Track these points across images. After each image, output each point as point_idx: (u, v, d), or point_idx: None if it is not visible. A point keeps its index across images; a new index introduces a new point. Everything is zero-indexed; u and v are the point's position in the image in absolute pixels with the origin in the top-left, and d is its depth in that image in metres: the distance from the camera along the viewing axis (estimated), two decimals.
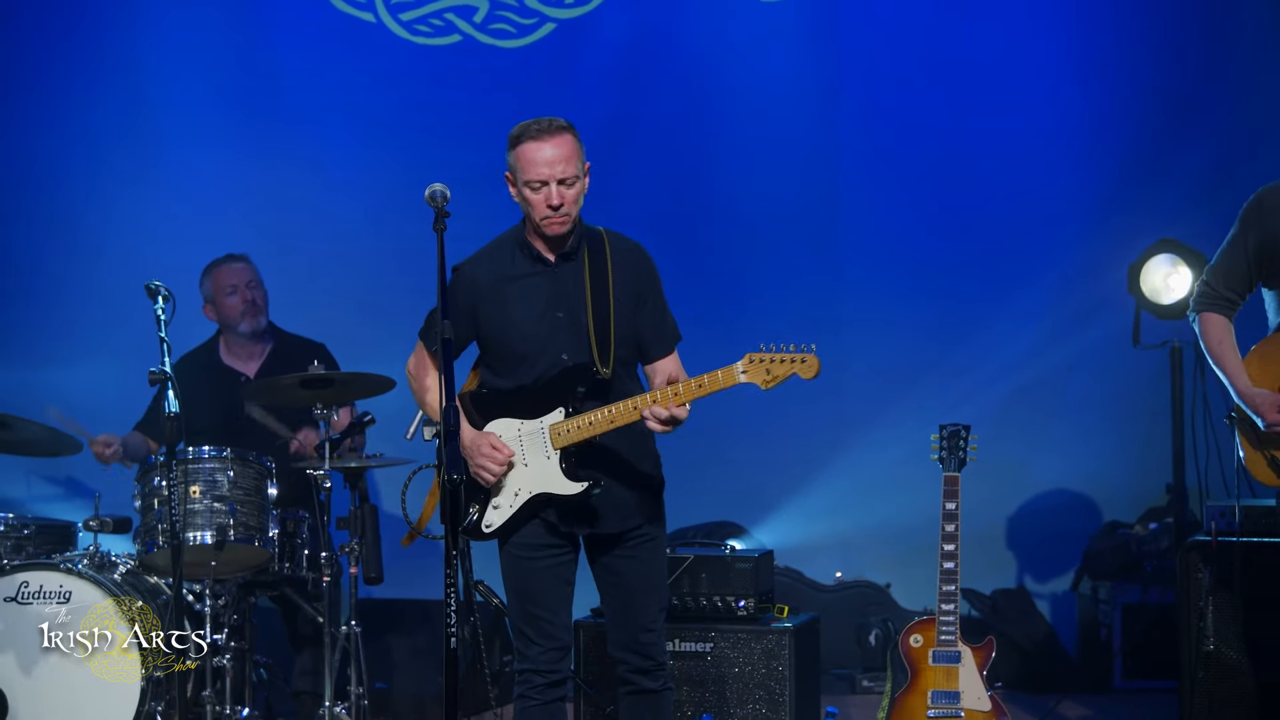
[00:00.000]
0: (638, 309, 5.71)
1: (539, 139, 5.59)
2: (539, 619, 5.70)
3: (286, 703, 8.09)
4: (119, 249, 9.19)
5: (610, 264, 5.69)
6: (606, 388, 5.59)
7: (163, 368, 6.78)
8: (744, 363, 5.38)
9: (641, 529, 5.73)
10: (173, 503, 6.87)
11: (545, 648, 5.69)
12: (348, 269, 9.50)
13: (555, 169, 5.56)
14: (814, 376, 5.43)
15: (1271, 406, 5.75)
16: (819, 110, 9.69)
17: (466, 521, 5.69)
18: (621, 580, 5.76)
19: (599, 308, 5.62)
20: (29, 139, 9.44)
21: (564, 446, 5.57)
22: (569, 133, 5.65)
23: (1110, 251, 8.78)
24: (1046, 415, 9.55)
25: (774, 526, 9.40)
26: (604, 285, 5.65)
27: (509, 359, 5.71)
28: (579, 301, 5.63)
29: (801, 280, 9.66)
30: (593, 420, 5.52)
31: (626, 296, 5.68)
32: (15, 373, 8.89)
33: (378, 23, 9.74)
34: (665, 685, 5.80)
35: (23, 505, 8.75)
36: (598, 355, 5.58)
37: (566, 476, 5.56)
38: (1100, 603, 9.21)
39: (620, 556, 5.74)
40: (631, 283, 5.72)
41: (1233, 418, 5.93)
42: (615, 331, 5.62)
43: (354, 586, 7.56)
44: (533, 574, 5.70)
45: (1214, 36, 9.42)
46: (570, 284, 5.66)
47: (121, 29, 9.55)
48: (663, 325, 5.82)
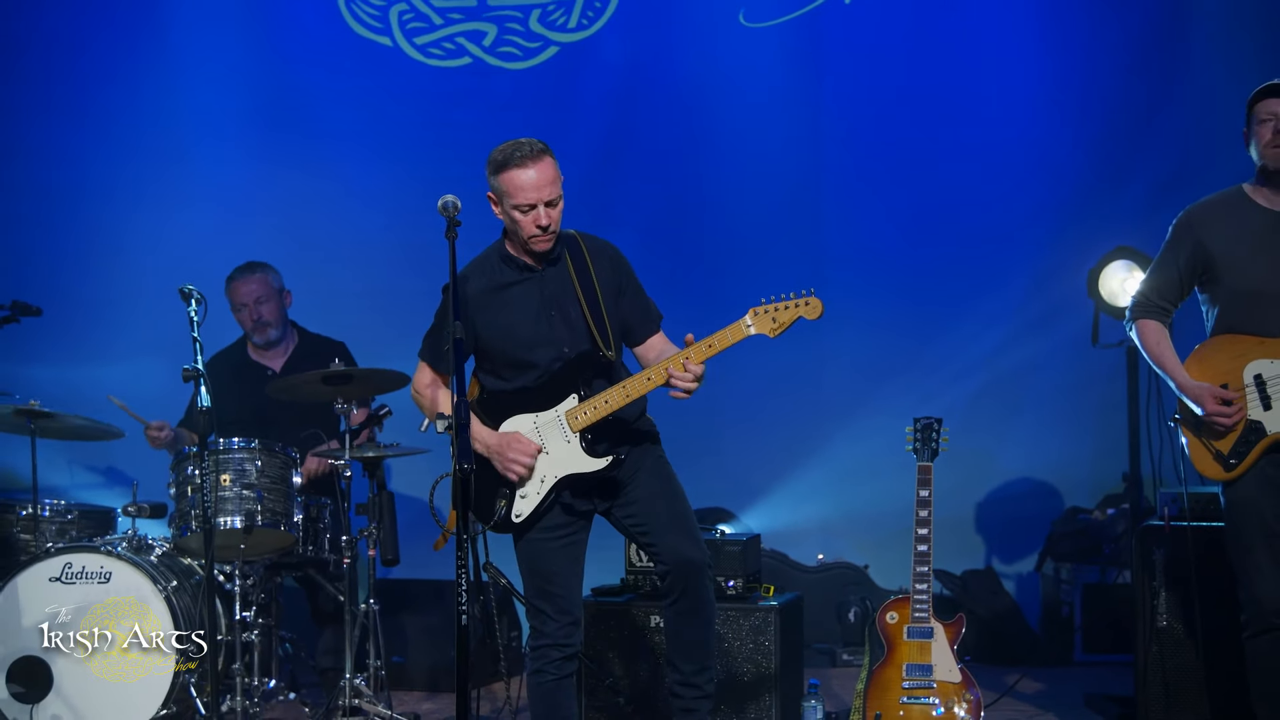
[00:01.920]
0: (619, 298, 5.79)
1: (524, 165, 5.59)
2: (554, 595, 5.72)
3: (310, 675, 8.09)
4: (157, 255, 9.19)
5: (590, 262, 5.73)
6: (610, 370, 5.67)
7: (195, 365, 6.78)
8: (749, 316, 5.50)
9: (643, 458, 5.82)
10: (205, 490, 6.87)
11: (561, 623, 5.72)
12: (366, 273, 9.49)
13: (542, 192, 5.58)
14: (819, 316, 5.56)
15: (1210, 397, 5.77)
16: (802, 126, 9.69)
17: (495, 517, 5.69)
18: (645, 496, 5.79)
19: (590, 300, 5.67)
20: (78, 157, 9.44)
21: (582, 428, 5.61)
22: (548, 155, 5.65)
23: (1071, 258, 8.77)
24: (1012, 409, 9.54)
25: (761, 512, 9.40)
26: (589, 281, 5.70)
27: (511, 361, 5.73)
28: (570, 299, 5.68)
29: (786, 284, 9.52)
30: (608, 399, 5.57)
31: (609, 289, 5.74)
32: (63, 370, 8.89)
33: (394, 46, 9.74)
34: (706, 587, 5.76)
35: (66, 492, 8.74)
36: (600, 341, 5.64)
37: (589, 455, 5.61)
38: (1062, 582, 9.21)
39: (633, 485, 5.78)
40: (610, 276, 5.79)
41: (1177, 419, 5.95)
42: (610, 320, 5.69)
43: (372, 567, 7.55)
44: (548, 554, 5.72)
45: (1166, 61, 9.42)
46: (558, 285, 5.71)
47: (158, 56, 9.57)
48: (646, 308, 5.89)
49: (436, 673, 8.27)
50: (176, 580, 7.13)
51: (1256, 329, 5.80)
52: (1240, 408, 5.76)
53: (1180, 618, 6.40)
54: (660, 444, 5.95)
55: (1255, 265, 5.79)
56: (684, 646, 5.82)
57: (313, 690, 7.96)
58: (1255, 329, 5.80)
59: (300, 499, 7.40)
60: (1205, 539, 6.26)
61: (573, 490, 5.68)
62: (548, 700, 5.77)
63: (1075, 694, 8.01)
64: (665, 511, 5.77)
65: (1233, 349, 5.84)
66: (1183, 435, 5.94)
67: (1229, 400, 5.75)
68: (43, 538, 7.48)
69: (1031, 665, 8.64)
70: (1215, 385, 5.80)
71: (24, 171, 9.39)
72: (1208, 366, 5.88)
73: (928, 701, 6.50)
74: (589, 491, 5.73)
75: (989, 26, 9.59)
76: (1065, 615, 9.13)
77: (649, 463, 5.83)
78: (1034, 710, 7.76)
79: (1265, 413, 5.76)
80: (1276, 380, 5.74)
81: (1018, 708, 7.77)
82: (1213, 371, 5.86)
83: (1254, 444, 5.77)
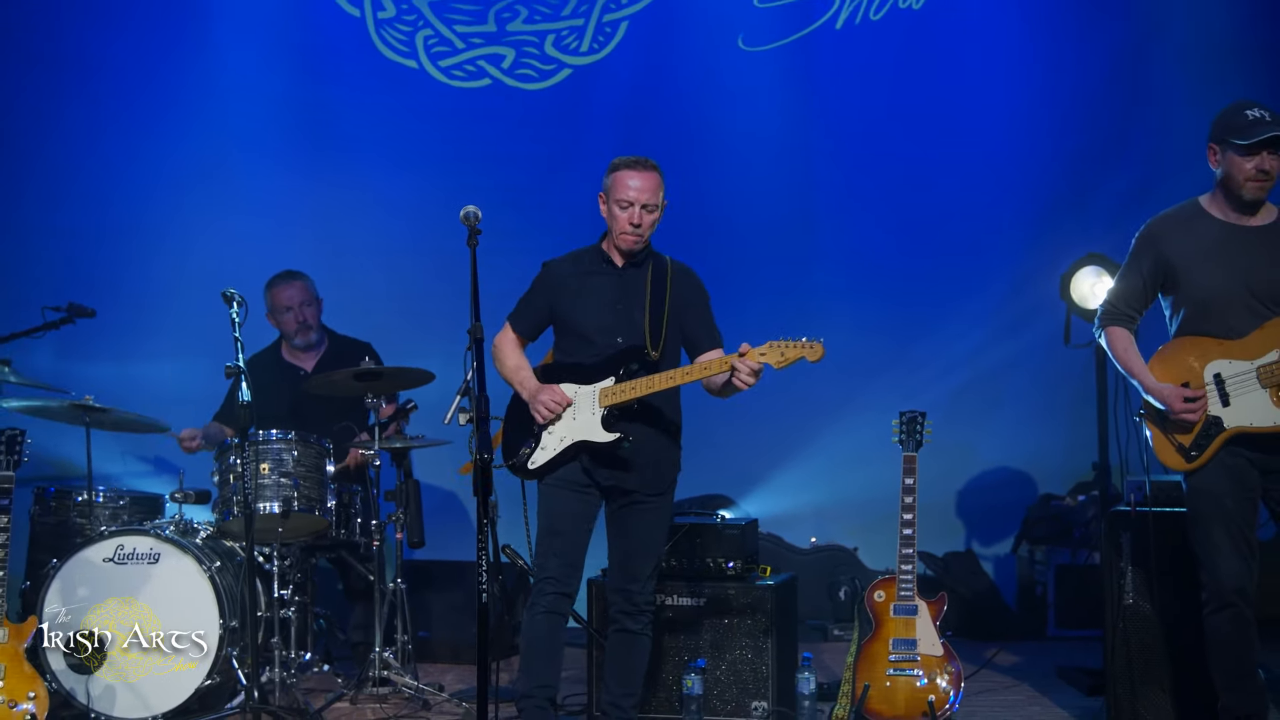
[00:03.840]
0: (685, 313, 6.03)
1: (634, 170, 5.96)
2: (559, 534, 5.91)
3: (342, 648, 8.09)
4: (199, 260, 9.18)
5: (670, 278, 6.00)
6: (654, 368, 5.83)
7: (237, 363, 6.80)
8: (766, 346, 5.64)
9: (656, 497, 6.00)
10: (246, 478, 6.90)
11: (561, 561, 5.90)
12: (392, 278, 9.50)
13: (642, 195, 5.92)
14: (818, 360, 5.68)
15: (1176, 397, 5.79)
16: (796, 142, 9.71)
17: (518, 457, 5.93)
18: (626, 535, 6.02)
19: (655, 306, 5.91)
20: (126, 169, 9.43)
21: (609, 405, 5.81)
22: (657, 172, 6.01)
23: (1044, 264, 8.79)
24: (991, 404, 9.56)
25: (758, 498, 9.41)
26: (662, 291, 5.95)
27: (576, 338, 5.98)
28: (639, 299, 5.93)
29: (781, 288, 9.67)
30: (637, 385, 5.77)
31: (678, 303, 6.00)
32: (114, 366, 8.89)
33: (420, 69, 9.75)
34: (645, 630, 6.06)
35: (119, 480, 8.75)
36: (650, 340, 5.85)
37: (604, 428, 5.79)
38: (1036, 563, 9.22)
39: (630, 514, 5.98)
40: (684, 294, 6.06)
41: (1142, 414, 5.97)
42: (667, 326, 5.89)
43: (399, 550, 7.59)
44: (560, 502, 5.92)
45: (1132, 86, 9.49)
46: (633, 285, 5.97)
47: (203, 76, 9.55)
48: (709, 328, 6.12)
49: (459, 646, 8.28)
50: (220, 561, 7.14)
51: (1215, 331, 5.81)
52: (1204, 404, 5.78)
53: (1145, 596, 6.40)
54: (673, 489, 6.12)
55: (1211, 273, 5.81)
56: (616, 670, 6.12)
57: (345, 663, 7.97)
58: (1214, 331, 5.82)
59: (333, 486, 7.41)
60: (1168, 524, 6.26)
61: (592, 458, 5.87)
62: (536, 629, 5.90)
63: (1048, 666, 8.03)
64: (635, 554, 6.01)
65: (1193, 350, 5.85)
66: (1147, 429, 5.95)
67: (1193, 398, 5.78)
68: (97, 521, 7.49)
69: (1008, 640, 8.64)
70: (1178, 384, 5.82)
71: (79, 184, 9.39)
72: (1170, 366, 5.89)
73: (912, 673, 6.52)
74: (602, 469, 5.89)
75: (969, 52, 9.63)
76: (1039, 594, 9.13)
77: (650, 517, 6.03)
78: (1011, 681, 7.77)
79: (1224, 409, 5.78)
80: (1234, 379, 5.76)
81: (995, 679, 7.79)
82: (1175, 370, 5.87)
83: (1213, 437, 5.79)
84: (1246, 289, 5.76)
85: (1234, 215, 5.84)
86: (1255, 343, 5.74)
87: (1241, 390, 5.75)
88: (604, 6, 9.70)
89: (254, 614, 7.00)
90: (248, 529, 6.80)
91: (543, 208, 9.35)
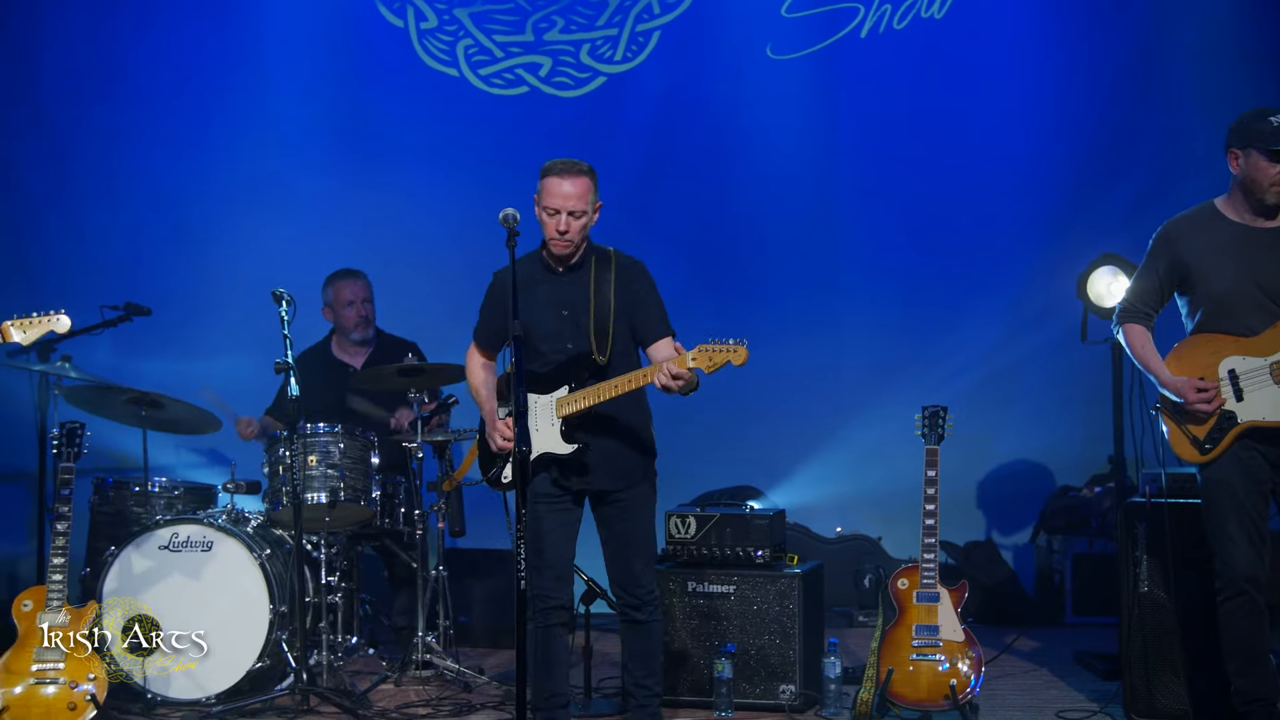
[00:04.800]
0: (633, 307, 5.80)
1: (562, 175, 5.72)
2: (542, 552, 5.76)
3: (387, 633, 8.11)
4: (250, 261, 9.20)
5: (614, 275, 5.78)
6: (603, 372, 5.66)
7: (286, 359, 6.82)
8: (695, 351, 5.43)
9: (629, 490, 5.84)
10: (294, 469, 6.92)
11: (545, 577, 5.78)
12: (434, 278, 9.50)
13: (568, 202, 5.68)
14: (743, 363, 5.44)
15: (1190, 388, 5.78)
16: (821, 147, 9.71)
17: (491, 473, 5.89)
18: (612, 533, 5.91)
19: (600, 309, 5.72)
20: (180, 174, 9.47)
21: (565, 415, 5.67)
22: (587, 176, 5.75)
23: (1061, 264, 8.75)
24: (1009, 399, 9.54)
25: (786, 490, 9.40)
26: (606, 292, 5.74)
27: (527, 348, 5.67)
28: (582, 304, 5.73)
29: (806, 288, 9.66)
30: (589, 395, 5.61)
31: (624, 299, 5.78)
32: (168, 363, 8.91)
33: (461, 77, 9.77)
34: (652, 617, 5.96)
35: (173, 471, 8.78)
36: (596, 345, 5.68)
37: (563, 439, 5.68)
38: (1054, 552, 9.19)
39: (610, 512, 5.87)
40: (630, 288, 5.81)
41: (1158, 408, 5.95)
42: (614, 327, 5.71)
43: (441, 538, 7.62)
44: (539, 517, 5.76)
45: (1145, 90, 9.47)
46: (575, 290, 5.77)
47: (254, 85, 9.60)
48: (659, 319, 5.86)
49: (498, 631, 8.28)
50: (270, 549, 7.16)
51: (1230, 330, 5.80)
52: (1218, 394, 5.76)
53: (1160, 584, 6.37)
54: (652, 480, 5.95)
55: (1226, 273, 5.79)
56: (634, 655, 6.00)
57: (389, 646, 7.99)
58: (1229, 330, 5.80)
59: (378, 477, 7.43)
60: (1182, 514, 6.24)
61: (560, 469, 5.74)
62: (537, 646, 5.80)
63: (1066, 652, 8.00)
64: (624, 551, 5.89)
65: (1209, 346, 5.83)
66: (1163, 424, 5.93)
67: (1207, 389, 5.76)
68: (153, 511, 7.51)
69: (1027, 626, 8.60)
70: (1193, 378, 5.80)
71: (136, 189, 9.43)
72: (1186, 362, 5.88)
73: (934, 658, 6.49)
74: (572, 478, 5.77)
75: (987, 59, 9.61)
76: (1057, 582, 9.10)
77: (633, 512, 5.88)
78: (1030, 666, 7.74)
79: (1237, 404, 5.76)
80: (1248, 375, 5.74)
81: (1015, 664, 7.76)
82: (1190, 366, 5.85)
83: (1227, 431, 5.77)
84: (1260, 288, 5.74)
85: (1249, 217, 5.81)
86: (1268, 340, 5.72)
87: (1255, 386, 5.73)
88: (637, 17, 9.70)
89: (302, 599, 7.05)
90: (296, 518, 6.83)
91: None
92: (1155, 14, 9.48)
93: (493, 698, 7.03)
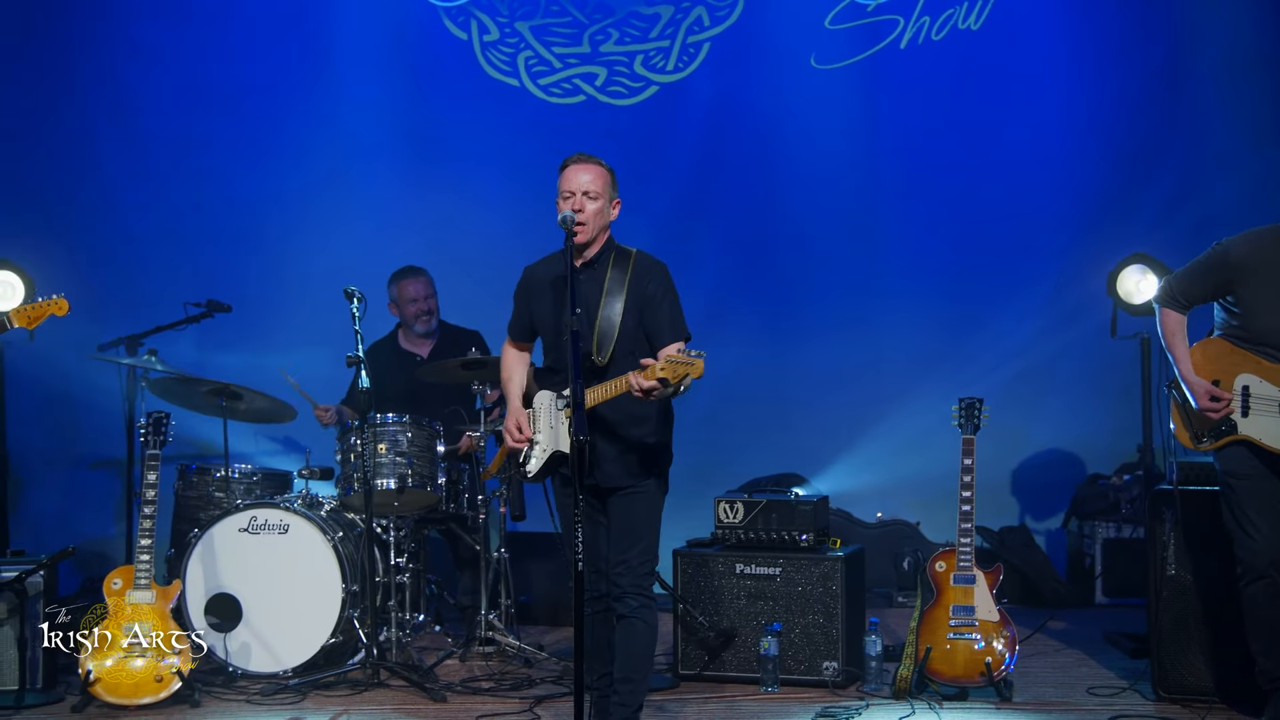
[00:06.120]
0: (645, 308, 5.51)
1: (576, 164, 5.57)
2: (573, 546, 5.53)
3: (452, 611, 8.15)
4: (323, 260, 9.24)
5: (630, 275, 5.52)
6: (603, 373, 5.39)
7: (357, 353, 6.86)
8: (662, 362, 5.06)
9: (633, 486, 5.54)
10: (365, 457, 6.97)
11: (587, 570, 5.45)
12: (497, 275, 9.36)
13: (582, 185, 5.49)
14: (699, 376, 5.05)
15: (1205, 394, 5.78)
16: (863, 152, 9.67)
17: (520, 468, 5.66)
18: (613, 523, 5.58)
19: (609, 309, 5.48)
20: (258, 179, 9.51)
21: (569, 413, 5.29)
22: (603, 167, 5.58)
23: (1093, 262, 8.69)
24: (1042, 391, 9.49)
25: (829, 477, 9.37)
26: (619, 292, 5.50)
27: (547, 343, 5.67)
28: (593, 303, 5.48)
29: (849, 286, 9.64)
30: (592, 394, 5.31)
31: (637, 302, 5.50)
32: (247, 356, 8.96)
33: (521, 87, 9.78)
34: (635, 614, 5.53)
35: (252, 458, 8.82)
36: (597, 347, 5.44)
37: (568, 436, 5.26)
38: (1085, 537, 9.14)
39: (615, 502, 5.56)
40: (644, 289, 5.52)
41: (1170, 386, 5.93)
42: (620, 328, 5.47)
43: (503, 522, 7.64)
44: (565, 509, 5.64)
45: (1175, 94, 9.39)
46: (589, 288, 5.50)
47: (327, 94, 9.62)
48: (666, 322, 5.52)
49: (557, 610, 8.30)
50: (342, 532, 7.21)
51: (1257, 351, 5.79)
52: (1227, 405, 5.74)
53: (1186, 567, 6.34)
54: (660, 477, 5.60)
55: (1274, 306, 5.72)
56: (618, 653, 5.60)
57: (454, 624, 8.03)
58: (1256, 351, 5.79)
59: (443, 465, 7.47)
60: (1207, 501, 6.20)
61: (567, 465, 5.33)
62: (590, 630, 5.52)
63: (1096, 631, 7.96)
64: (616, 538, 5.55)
65: (1232, 357, 5.84)
66: (1171, 405, 5.95)
67: (1220, 401, 5.74)
68: (233, 496, 7.58)
69: (1059, 608, 8.59)
70: (1209, 381, 5.80)
71: (217, 193, 9.49)
72: (1208, 361, 5.87)
73: (971, 637, 6.49)
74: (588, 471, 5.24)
75: (1022, 68, 9.56)
76: (1088, 565, 9.05)
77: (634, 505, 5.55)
78: (1061, 645, 7.71)
79: (1242, 418, 5.79)
80: (1260, 399, 5.76)
81: (1047, 643, 7.73)
82: (1212, 366, 5.85)
83: (1224, 434, 5.80)
84: None
85: None
86: None
87: (1262, 411, 5.75)
88: (688, 29, 9.69)
89: (373, 579, 7.08)
90: (367, 503, 6.88)
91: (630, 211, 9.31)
92: (1183, 25, 9.40)
93: (551, 673, 7.05)
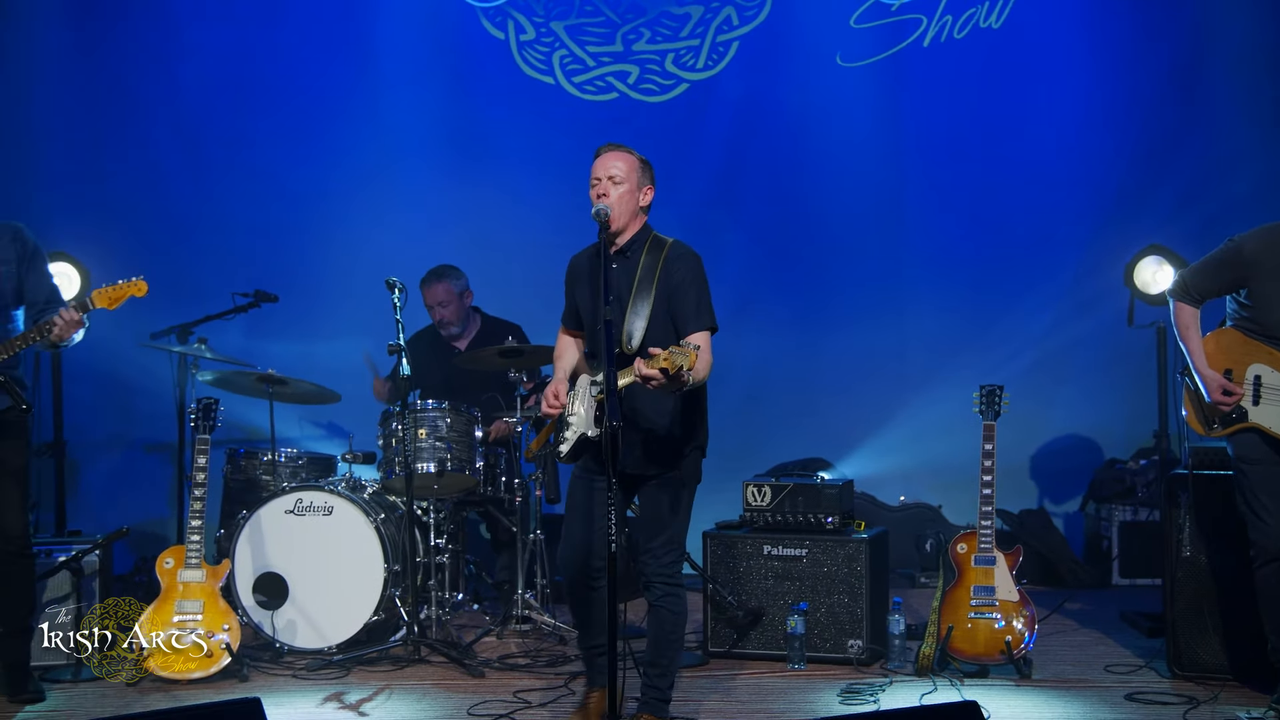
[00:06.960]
0: (673, 297, 5.42)
1: (605, 153, 5.53)
2: (570, 524, 5.58)
3: (489, 590, 8.18)
4: (366, 252, 9.25)
5: (662, 265, 5.45)
6: (632, 361, 5.24)
7: (398, 342, 6.89)
8: (666, 352, 4.95)
9: (656, 476, 5.47)
10: (406, 441, 6.99)
11: (569, 549, 5.57)
12: (534, 267, 9.46)
13: (607, 170, 5.46)
14: (691, 368, 4.94)
15: (1216, 387, 5.76)
16: (887, 147, 9.64)
17: (553, 447, 5.62)
18: (640, 511, 5.53)
19: (639, 299, 5.42)
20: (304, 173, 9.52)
21: (597, 399, 5.33)
22: (630, 153, 5.52)
23: (1110, 254, 8.69)
24: (1061, 379, 9.46)
25: (854, 462, 9.36)
26: (649, 282, 5.43)
27: (586, 329, 5.66)
28: (625, 293, 5.44)
29: (873, 277, 9.62)
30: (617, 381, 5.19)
31: (666, 288, 5.43)
32: (294, 345, 8.99)
33: (556, 85, 9.78)
34: (660, 601, 5.51)
35: (298, 442, 8.90)
36: (626, 336, 5.38)
37: (595, 424, 5.31)
38: (1102, 520, 9.11)
39: (642, 491, 5.51)
40: (673, 277, 5.43)
41: (1183, 373, 5.92)
42: (650, 318, 5.41)
43: (538, 505, 7.66)
44: (577, 490, 5.58)
45: (1191, 88, 9.37)
46: (622, 278, 5.48)
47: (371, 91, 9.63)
48: (692, 310, 5.42)
49: None
50: (384, 514, 7.24)
51: (1269, 342, 5.76)
52: (1239, 397, 5.72)
53: (1201, 549, 6.32)
54: (686, 467, 5.50)
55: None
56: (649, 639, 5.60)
57: (492, 603, 8.06)
58: (1268, 342, 5.76)
59: (481, 449, 7.49)
60: (1222, 485, 6.17)
61: (594, 451, 5.34)
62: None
63: (1113, 611, 7.94)
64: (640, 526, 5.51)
65: (1245, 347, 5.81)
66: (1184, 392, 5.94)
67: (1231, 391, 5.72)
68: (279, 478, 7.63)
69: (1077, 588, 8.58)
70: (1221, 369, 5.79)
71: (264, 187, 9.51)
72: (1221, 350, 5.84)
73: (991, 616, 6.48)
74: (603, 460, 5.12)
75: (1042, 65, 9.53)
76: (1105, 547, 9.03)
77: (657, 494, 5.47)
78: (1079, 624, 7.69)
79: (1253, 406, 5.76)
80: (1270, 389, 5.73)
81: (1065, 622, 7.71)
82: (1224, 355, 5.82)
83: (1234, 422, 5.77)
84: None
85: None
86: None
87: (1273, 400, 5.72)
88: (718, 28, 9.68)
89: (414, 560, 7.12)
90: (408, 486, 6.91)
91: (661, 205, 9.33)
92: (1198, 23, 9.35)
93: None
